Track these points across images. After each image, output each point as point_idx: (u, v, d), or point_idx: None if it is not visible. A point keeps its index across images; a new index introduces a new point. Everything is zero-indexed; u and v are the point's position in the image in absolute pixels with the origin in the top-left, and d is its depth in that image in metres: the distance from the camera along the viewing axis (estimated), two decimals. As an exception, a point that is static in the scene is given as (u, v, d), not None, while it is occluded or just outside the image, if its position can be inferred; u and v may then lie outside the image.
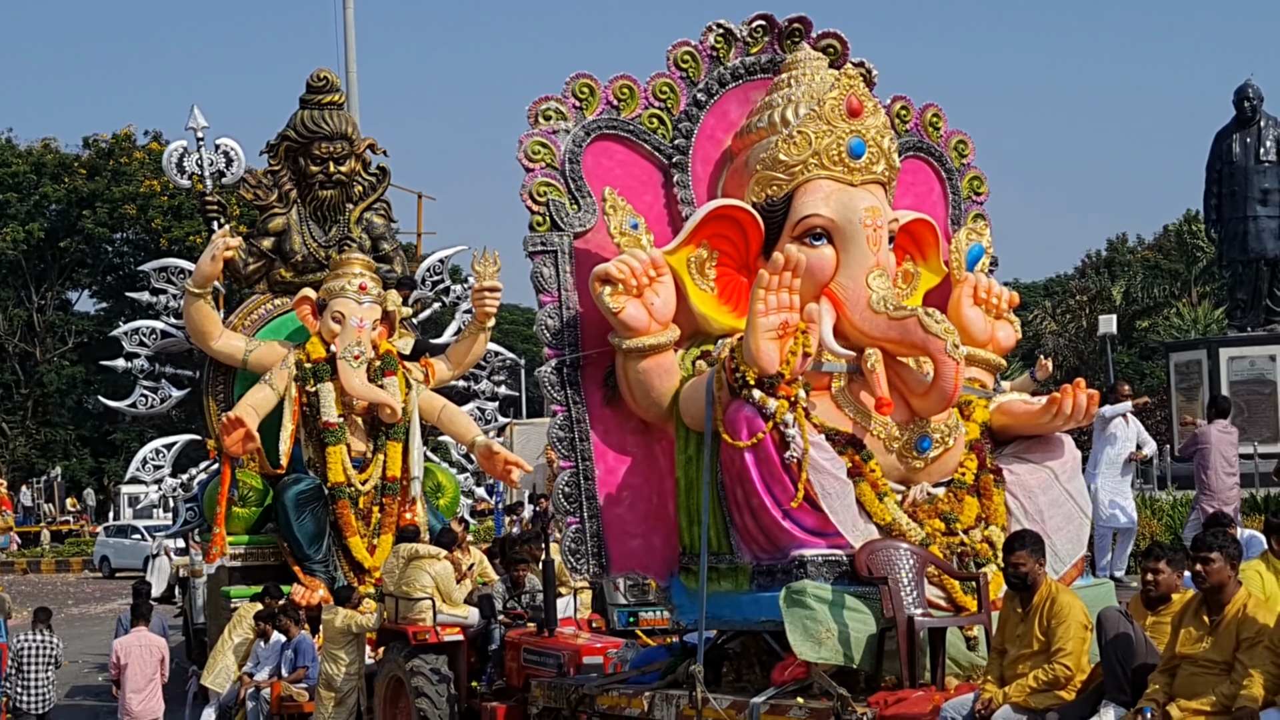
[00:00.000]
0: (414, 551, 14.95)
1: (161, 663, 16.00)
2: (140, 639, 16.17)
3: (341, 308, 18.27)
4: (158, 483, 20.52)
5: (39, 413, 64.72)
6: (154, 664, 15.94)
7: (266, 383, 18.15)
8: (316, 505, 18.03)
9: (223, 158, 20.88)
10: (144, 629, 16.31)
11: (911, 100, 12.20)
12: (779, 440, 9.79)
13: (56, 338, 64.44)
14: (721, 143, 11.45)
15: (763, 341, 9.84)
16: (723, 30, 11.53)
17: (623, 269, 10.41)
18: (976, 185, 12.53)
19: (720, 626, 10.74)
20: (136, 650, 15.99)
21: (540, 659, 13.27)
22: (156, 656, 15.99)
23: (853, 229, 10.52)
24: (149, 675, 15.86)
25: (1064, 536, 10.46)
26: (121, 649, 16.06)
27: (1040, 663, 8.63)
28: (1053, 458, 10.81)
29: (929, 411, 10.40)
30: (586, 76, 11.33)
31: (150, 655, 15.95)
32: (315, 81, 19.83)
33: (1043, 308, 54.91)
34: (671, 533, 10.84)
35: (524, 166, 11.05)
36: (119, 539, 44.83)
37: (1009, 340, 11.43)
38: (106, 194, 61.96)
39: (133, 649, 16.01)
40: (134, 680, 15.85)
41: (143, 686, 15.85)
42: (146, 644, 16.09)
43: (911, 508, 10.28)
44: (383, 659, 14.85)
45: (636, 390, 10.69)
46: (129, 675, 15.85)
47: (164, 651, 16.17)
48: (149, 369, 20.16)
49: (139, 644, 16.09)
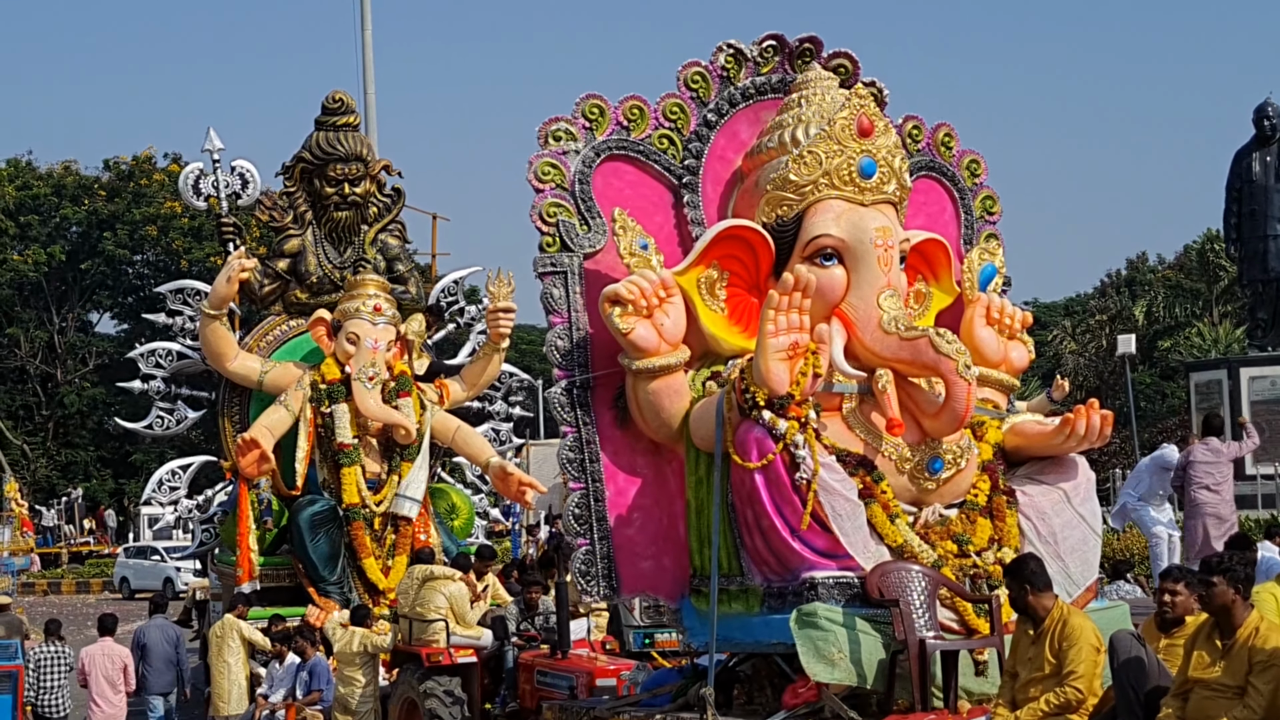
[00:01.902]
0: (428, 573, 14.94)
1: (124, 671, 16.84)
2: (104, 649, 16.98)
3: (356, 329, 18.29)
4: (174, 504, 20.55)
5: (60, 434, 64.89)
6: (116, 672, 16.79)
7: (282, 404, 18.17)
8: (331, 526, 18.04)
9: (238, 179, 20.93)
10: (109, 640, 17.11)
11: (923, 120, 12.15)
12: (789, 461, 9.73)
13: (77, 359, 64.60)
14: (732, 163, 11.41)
15: (773, 362, 9.79)
16: (733, 50, 11.50)
17: (632, 290, 10.37)
18: (989, 205, 12.47)
19: (731, 649, 10.68)
20: (100, 659, 16.82)
21: (553, 681, 13.24)
22: (119, 665, 16.84)
23: (863, 249, 10.47)
24: (113, 682, 16.74)
25: (1077, 559, 10.39)
26: (86, 658, 16.89)
27: (1052, 686, 8.57)
28: (1066, 479, 10.72)
29: (941, 432, 10.33)
30: (596, 97, 11.30)
31: (112, 664, 16.81)
32: (330, 103, 19.88)
33: (1062, 327, 54.75)
34: (682, 554, 10.78)
35: (534, 187, 11.02)
36: (139, 560, 44.97)
37: (1022, 361, 11.34)
38: (127, 216, 62.21)
39: (96, 658, 16.84)
40: (98, 686, 16.76)
41: (106, 692, 16.74)
42: (109, 654, 16.92)
43: (923, 529, 10.21)
44: (397, 680, 14.84)
45: (646, 411, 10.65)
46: (93, 682, 16.79)
47: (126, 661, 16.95)
48: (165, 390, 20.20)
49: (102, 653, 16.91)
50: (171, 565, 42.08)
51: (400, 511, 18.16)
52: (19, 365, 64.02)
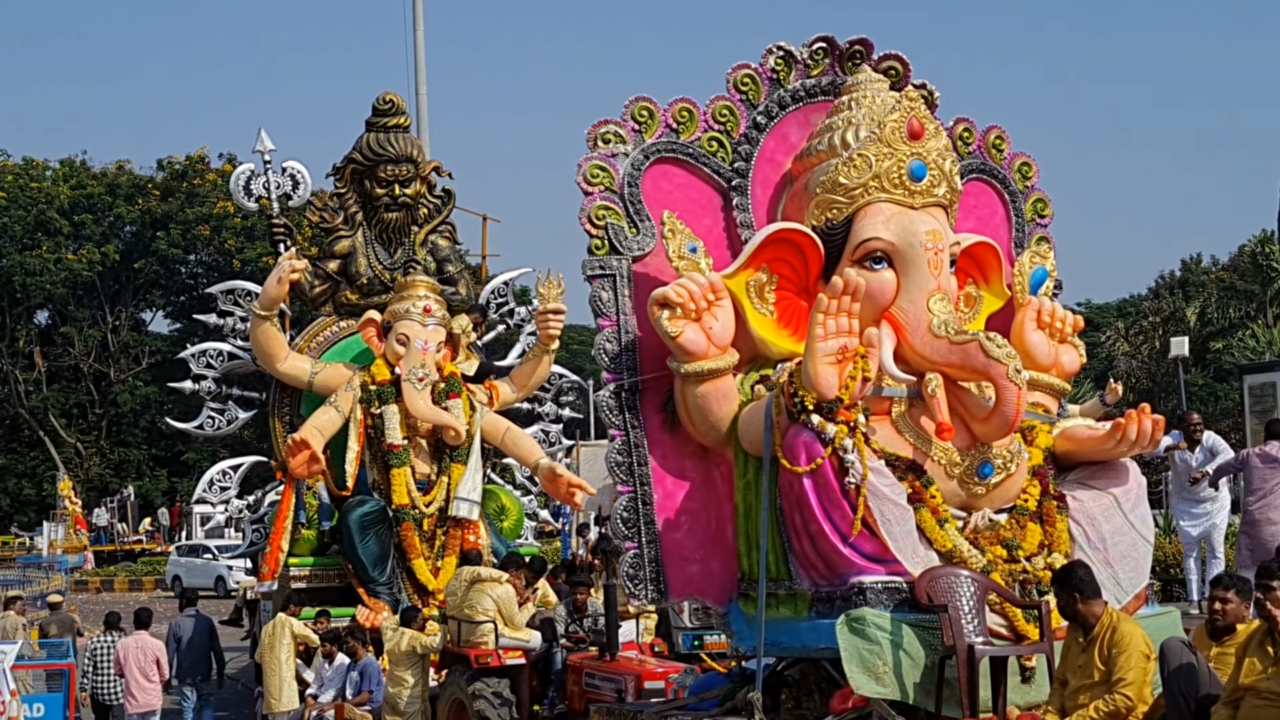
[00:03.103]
0: (476, 575, 14.96)
1: (158, 663, 18.06)
2: (138, 641, 18.22)
3: (406, 330, 18.34)
4: (224, 504, 20.67)
5: (113, 433, 65.42)
6: (150, 663, 18.02)
7: (332, 405, 18.23)
8: (381, 527, 18.09)
9: (289, 180, 21.03)
10: (144, 634, 18.33)
11: (974, 122, 12.08)
12: (838, 466, 9.68)
13: (130, 358, 65.11)
14: (781, 165, 11.37)
15: (821, 366, 9.75)
16: (783, 52, 11.46)
17: (681, 293, 10.34)
18: (1040, 208, 12.39)
19: (779, 653, 10.63)
20: (134, 650, 18.07)
21: (601, 683, 13.24)
22: (151, 657, 18.06)
23: (913, 252, 10.42)
24: (146, 672, 17.96)
25: (1127, 565, 10.29)
26: (122, 650, 18.21)
27: (1101, 693, 8.51)
28: (1116, 484, 10.63)
29: (991, 437, 10.26)
30: (646, 99, 11.28)
31: (145, 656, 18.03)
32: (381, 105, 19.95)
33: (1115, 329, 54.31)
34: (730, 558, 10.74)
35: (583, 190, 11.01)
36: (190, 558, 45.24)
37: (1073, 365, 11.26)
38: (180, 215, 62.66)
39: (131, 649, 18.12)
40: (133, 676, 17.97)
41: (141, 681, 17.97)
42: (143, 645, 18.14)
43: (973, 534, 10.14)
44: (445, 681, 14.87)
45: (695, 415, 10.62)
46: (128, 672, 18.00)
47: (159, 653, 18.16)
48: (216, 391, 20.34)
49: (136, 645, 18.16)
50: (223, 563, 42.34)
51: (460, 514, 18.20)
52: (73, 364, 64.60)
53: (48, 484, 62.43)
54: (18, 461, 65.02)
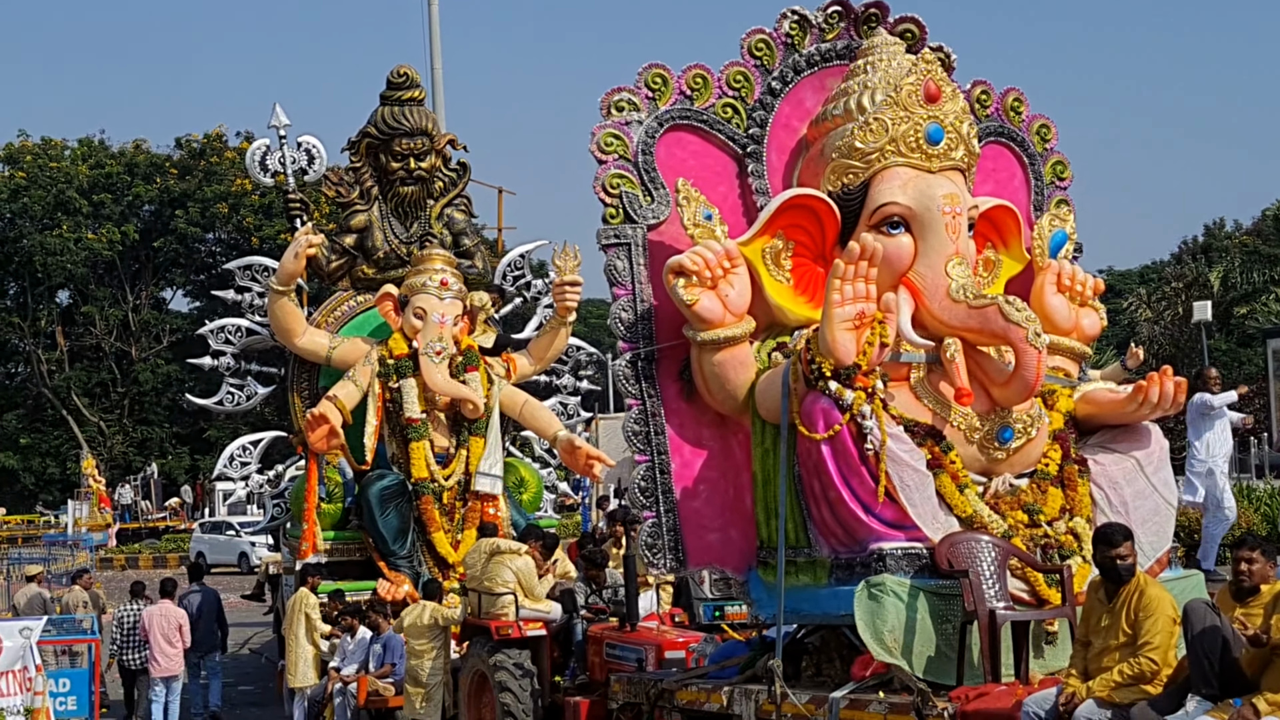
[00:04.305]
0: (495, 547, 14.92)
1: (180, 629, 18.55)
2: (163, 609, 18.70)
3: (423, 304, 18.28)
4: (245, 479, 20.68)
5: (135, 411, 65.58)
6: (173, 630, 18.50)
7: (350, 379, 18.19)
8: (400, 501, 18.07)
9: (305, 155, 20.93)
10: (168, 602, 18.85)
11: (992, 85, 11.99)
12: (856, 432, 9.64)
13: (151, 336, 65.24)
14: (797, 131, 11.29)
15: (839, 332, 9.69)
16: (798, 17, 11.38)
17: (697, 261, 10.29)
18: (1060, 170, 12.29)
19: (799, 621, 10.61)
20: (158, 618, 18.55)
21: (622, 653, 13.21)
22: (175, 624, 18.55)
23: (931, 216, 10.34)
24: (169, 638, 18.46)
25: (1149, 529, 10.23)
26: (147, 617, 18.69)
27: (1126, 656, 8.43)
28: (1139, 448, 10.56)
29: (1010, 401, 10.20)
30: (659, 66, 11.20)
31: (169, 623, 18.52)
32: (396, 78, 19.87)
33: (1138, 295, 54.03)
34: (749, 526, 10.71)
35: (596, 159, 10.95)
36: (214, 535, 45.36)
37: (1094, 328, 11.17)
38: (198, 193, 62.70)
39: (155, 617, 18.59)
40: (157, 642, 18.46)
41: (164, 647, 18.47)
42: (166, 614, 18.62)
43: (993, 499, 10.09)
44: (466, 654, 14.85)
45: (712, 383, 10.57)
46: (152, 638, 18.51)
47: (182, 620, 18.62)
48: (235, 367, 20.33)
49: (160, 613, 18.63)
50: (246, 540, 42.39)
51: (484, 490, 18.18)
52: (95, 343, 64.75)
53: (71, 463, 62.67)
54: (42, 440, 65.24)
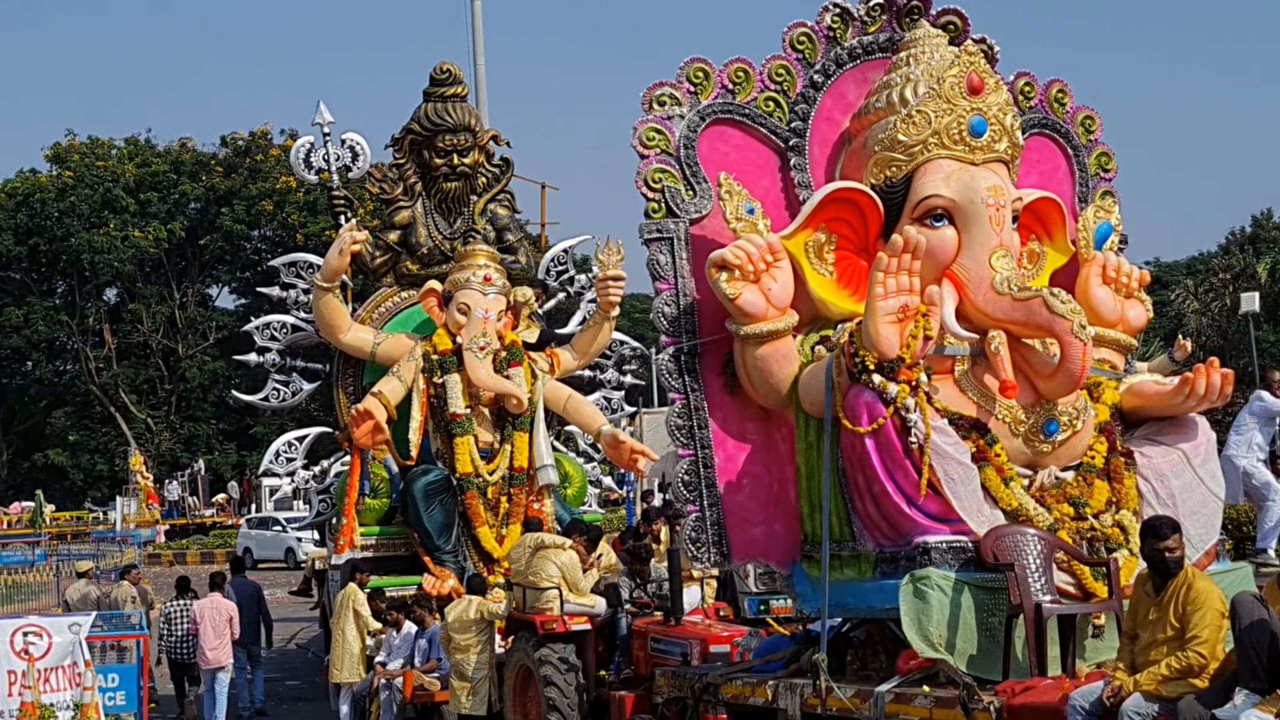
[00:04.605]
0: (540, 541, 14.95)
1: (230, 622, 19.04)
2: (213, 602, 19.19)
3: (467, 299, 18.33)
4: (290, 475, 20.78)
5: (182, 408, 66.04)
6: (224, 622, 18.99)
7: (394, 375, 18.26)
8: (445, 496, 18.12)
9: (349, 152, 21.01)
10: (218, 595, 19.31)
11: (1035, 76, 11.93)
12: (900, 425, 9.60)
13: (198, 334, 65.70)
14: (839, 124, 11.26)
15: (882, 325, 9.66)
16: (840, 10, 11.34)
17: (739, 254, 10.27)
18: (1104, 162, 12.21)
19: (844, 615, 10.58)
20: (209, 610, 19.06)
21: (666, 648, 13.21)
22: (225, 617, 19.05)
23: (974, 209, 10.29)
24: (218, 630, 18.92)
25: (1197, 522, 10.15)
26: (198, 609, 19.23)
27: (1174, 649, 8.37)
28: (1185, 440, 10.49)
29: (1056, 394, 10.15)
30: (701, 61, 11.18)
31: (219, 615, 19.01)
32: (439, 74, 19.92)
33: (1185, 286, 53.74)
34: (793, 520, 10.69)
35: (639, 153, 10.95)
36: (260, 530, 45.60)
37: (1139, 320, 11.10)
38: (244, 191, 63.10)
39: (206, 609, 19.11)
40: (206, 634, 18.94)
41: (214, 639, 18.92)
42: (217, 606, 19.12)
43: (1039, 492, 10.04)
44: (511, 648, 14.88)
45: (755, 377, 10.56)
46: (203, 629, 18.97)
47: (232, 612, 19.15)
48: (280, 363, 20.43)
49: (211, 605, 19.14)
50: (292, 535, 42.62)
51: (545, 482, 18.24)
52: (142, 340, 65.24)
53: (119, 459, 63.17)
54: (90, 437, 65.78)
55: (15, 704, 15.39)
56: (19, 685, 15.47)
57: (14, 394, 69.07)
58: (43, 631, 15.82)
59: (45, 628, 15.93)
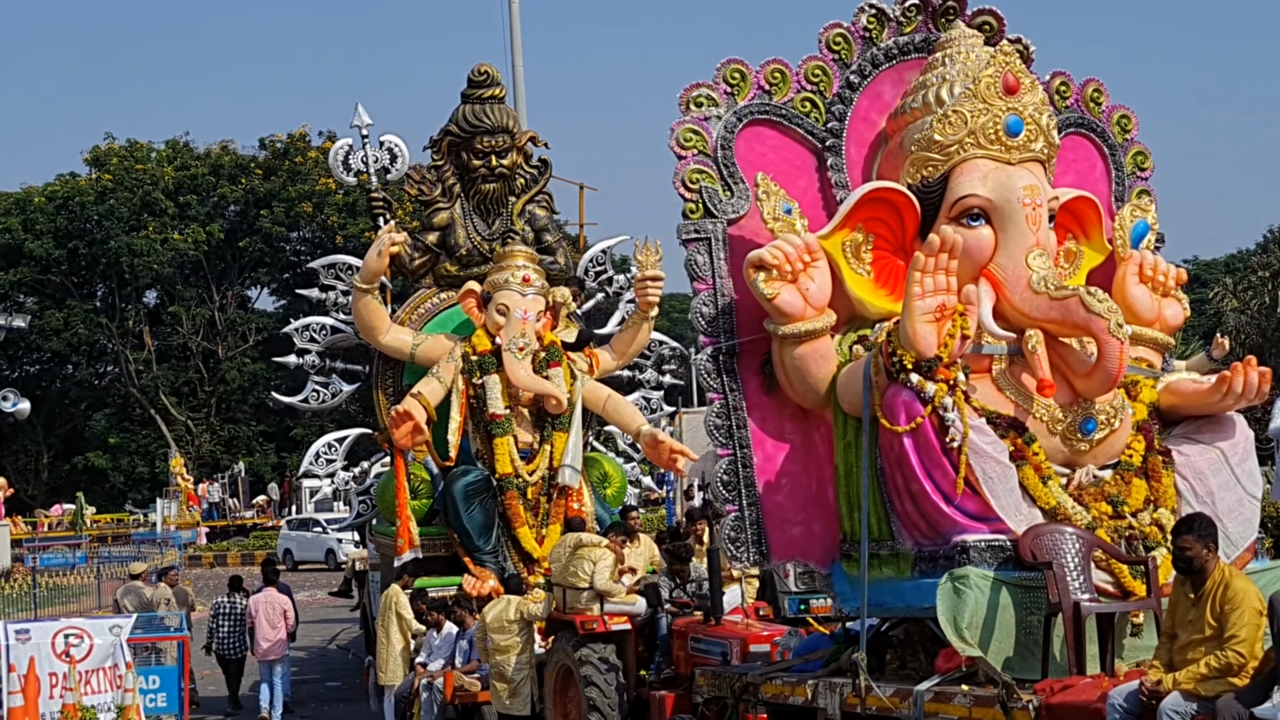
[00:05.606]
0: (579, 541, 14.99)
1: (284, 615, 20.24)
2: (267, 596, 20.41)
3: (506, 300, 18.39)
4: (330, 476, 20.89)
5: (222, 410, 66.36)
6: (278, 616, 20.17)
7: (434, 376, 18.33)
8: (485, 496, 18.17)
9: (387, 154, 21.07)
10: (272, 590, 20.58)
11: (1071, 76, 11.94)
12: (938, 424, 9.64)
13: (238, 336, 66.00)
14: (875, 125, 11.30)
15: (920, 325, 9.70)
16: (875, 10, 11.38)
17: (777, 255, 10.32)
18: (1141, 160, 12.22)
19: (883, 614, 10.61)
20: (264, 605, 20.25)
21: (706, 647, 13.26)
22: (279, 610, 20.22)
23: (1011, 208, 10.32)
24: (273, 623, 20.10)
25: (1236, 520, 10.16)
26: (253, 604, 20.47)
27: (1212, 649, 8.38)
28: (1224, 438, 10.48)
29: (1093, 393, 10.17)
30: (737, 62, 11.24)
31: (273, 609, 20.17)
32: (476, 76, 19.99)
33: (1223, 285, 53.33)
34: (832, 520, 10.73)
35: (676, 154, 11.01)
36: (301, 532, 45.77)
37: (1177, 319, 11.11)
38: (283, 193, 63.38)
39: (260, 604, 20.31)
40: (262, 627, 20.12)
41: (268, 631, 20.08)
42: (270, 600, 20.32)
43: (1077, 491, 10.06)
44: (552, 648, 14.94)
45: (793, 376, 10.61)
46: (258, 623, 20.19)
47: (286, 606, 20.36)
48: (320, 365, 20.52)
49: (265, 600, 20.33)
50: (333, 537, 42.78)
51: (563, 481, 18.26)
52: (182, 342, 65.59)
53: (160, 461, 63.53)
54: (130, 440, 66.15)
55: (57, 706, 15.50)
56: (60, 687, 15.56)
57: (54, 397, 69.51)
58: (84, 634, 15.92)
59: (86, 630, 16.02)
